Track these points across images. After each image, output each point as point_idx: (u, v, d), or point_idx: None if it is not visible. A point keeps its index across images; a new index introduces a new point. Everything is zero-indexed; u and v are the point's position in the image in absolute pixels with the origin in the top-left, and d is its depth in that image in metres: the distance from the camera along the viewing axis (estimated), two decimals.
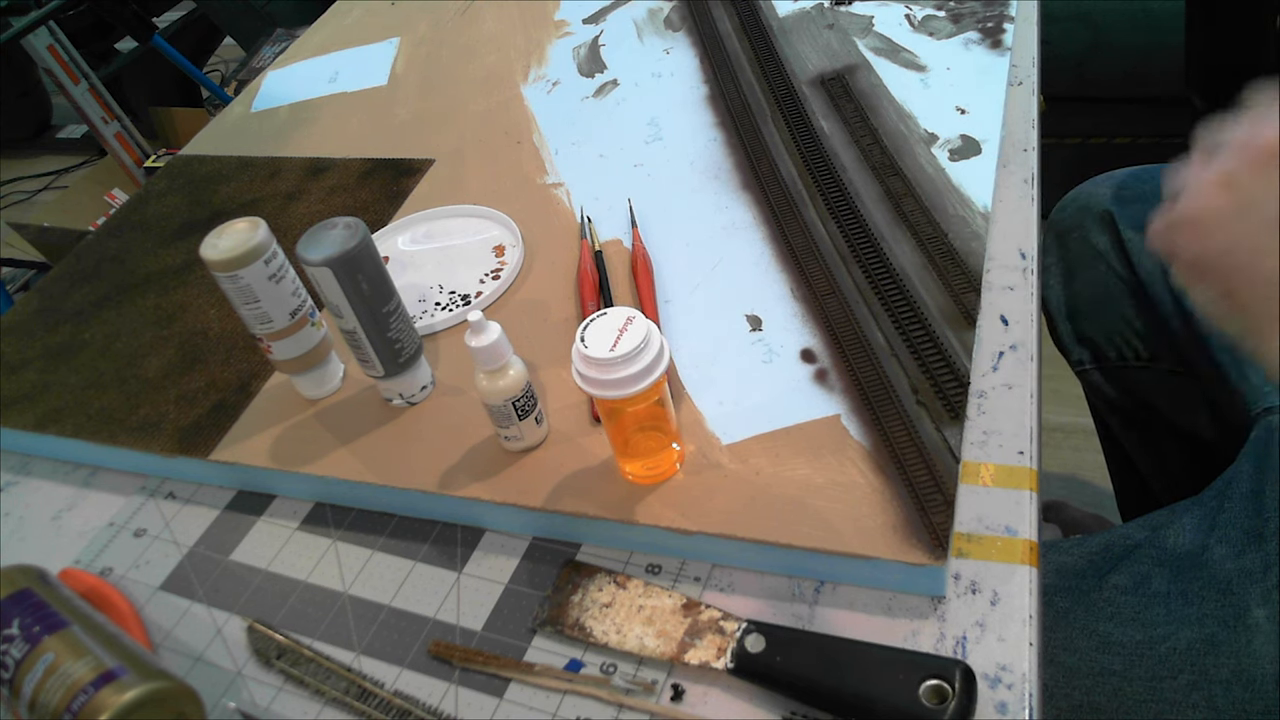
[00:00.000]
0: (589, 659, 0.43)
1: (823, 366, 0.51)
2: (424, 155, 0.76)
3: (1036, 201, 0.59)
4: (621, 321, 0.43)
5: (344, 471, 0.52)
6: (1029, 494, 0.44)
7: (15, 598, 0.44)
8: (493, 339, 0.46)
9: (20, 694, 0.41)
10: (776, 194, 0.63)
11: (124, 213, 0.79)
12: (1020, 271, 0.55)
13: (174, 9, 2.54)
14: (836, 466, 0.46)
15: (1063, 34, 1.30)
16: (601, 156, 0.71)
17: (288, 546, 0.52)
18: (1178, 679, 0.52)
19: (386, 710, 0.43)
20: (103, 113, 1.82)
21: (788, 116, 0.69)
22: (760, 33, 0.79)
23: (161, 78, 2.36)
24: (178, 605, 0.50)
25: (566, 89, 0.80)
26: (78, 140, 2.75)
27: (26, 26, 1.55)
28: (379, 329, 0.51)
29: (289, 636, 0.47)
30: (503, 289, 0.61)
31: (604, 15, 0.89)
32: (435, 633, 0.46)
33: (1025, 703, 0.38)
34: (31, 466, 0.60)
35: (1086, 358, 0.83)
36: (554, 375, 0.54)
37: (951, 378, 0.48)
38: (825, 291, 0.55)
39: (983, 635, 0.40)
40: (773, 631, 0.41)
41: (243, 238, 0.50)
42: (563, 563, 0.47)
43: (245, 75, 1.93)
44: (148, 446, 0.56)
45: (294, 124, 0.86)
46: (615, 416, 0.46)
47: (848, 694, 0.38)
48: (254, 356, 0.61)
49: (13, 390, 0.63)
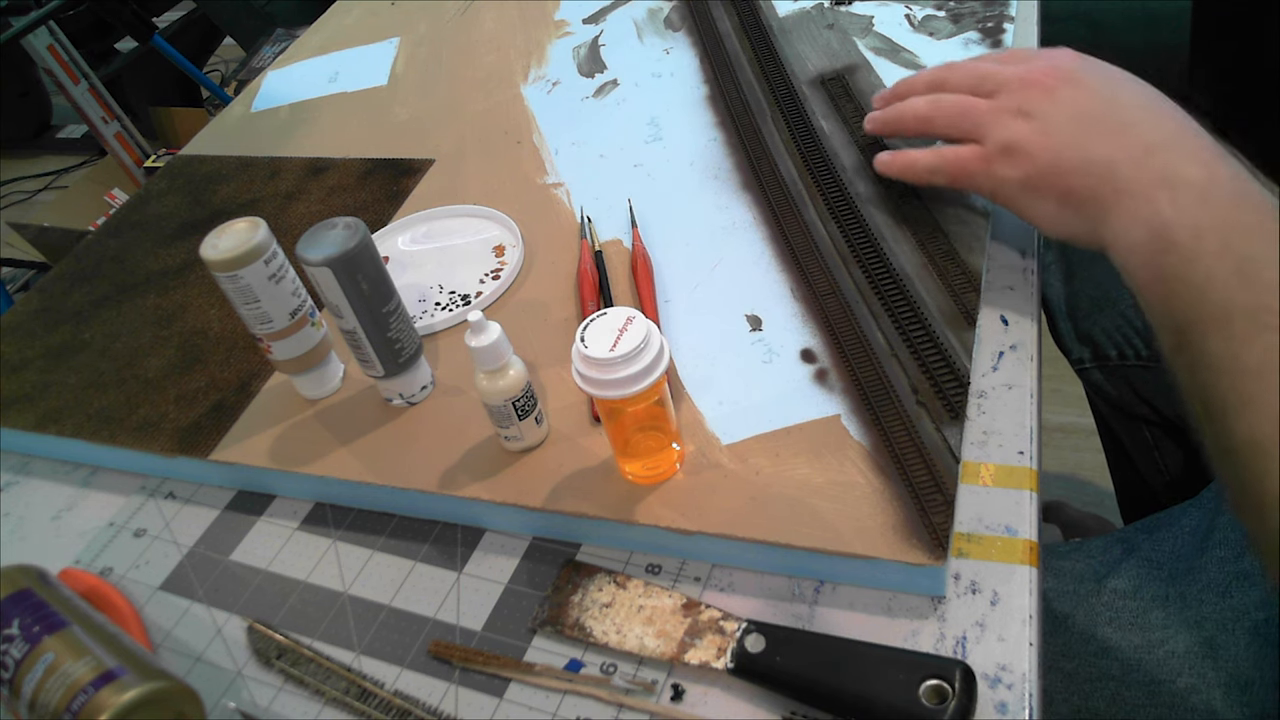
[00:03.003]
0: (589, 659, 0.43)
1: (823, 366, 0.51)
2: (424, 155, 0.76)
3: None
4: (621, 321, 0.43)
5: (344, 471, 0.52)
6: (1029, 494, 0.44)
7: (15, 598, 0.44)
8: (493, 339, 0.46)
9: (20, 694, 0.41)
10: (776, 194, 0.63)
11: (124, 213, 0.79)
12: (1020, 271, 0.55)
13: (174, 9, 2.54)
14: (836, 466, 0.46)
15: (1062, 34, 1.29)
16: (601, 156, 0.71)
17: (288, 546, 0.52)
18: (1176, 683, 0.52)
19: (386, 710, 0.43)
20: (103, 113, 1.82)
21: (788, 116, 0.69)
22: (760, 33, 0.79)
23: (161, 78, 2.36)
24: (178, 605, 0.50)
25: (566, 89, 0.80)
26: (78, 140, 2.75)
27: (26, 26, 1.55)
28: (379, 329, 0.51)
29: (289, 636, 0.47)
30: (503, 289, 0.61)
31: (604, 15, 0.89)
32: (435, 633, 0.46)
33: (1025, 703, 0.38)
34: (31, 466, 0.60)
35: (1087, 356, 0.83)
36: (554, 375, 0.54)
37: (951, 378, 0.48)
38: (825, 291, 0.55)
39: (983, 635, 0.40)
40: (773, 631, 0.41)
41: (243, 238, 0.50)
42: (563, 563, 0.47)
43: (245, 75, 1.93)
44: (147, 446, 0.56)
45: (294, 124, 0.86)
46: (615, 416, 0.46)
47: (848, 694, 0.38)
48: (254, 356, 0.61)
49: (13, 390, 0.63)
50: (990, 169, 0.51)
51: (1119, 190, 0.45)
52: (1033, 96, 0.50)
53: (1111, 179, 0.46)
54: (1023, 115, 0.50)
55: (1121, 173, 0.46)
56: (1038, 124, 0.49)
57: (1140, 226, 0.44)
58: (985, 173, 0.52)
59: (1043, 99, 0.50)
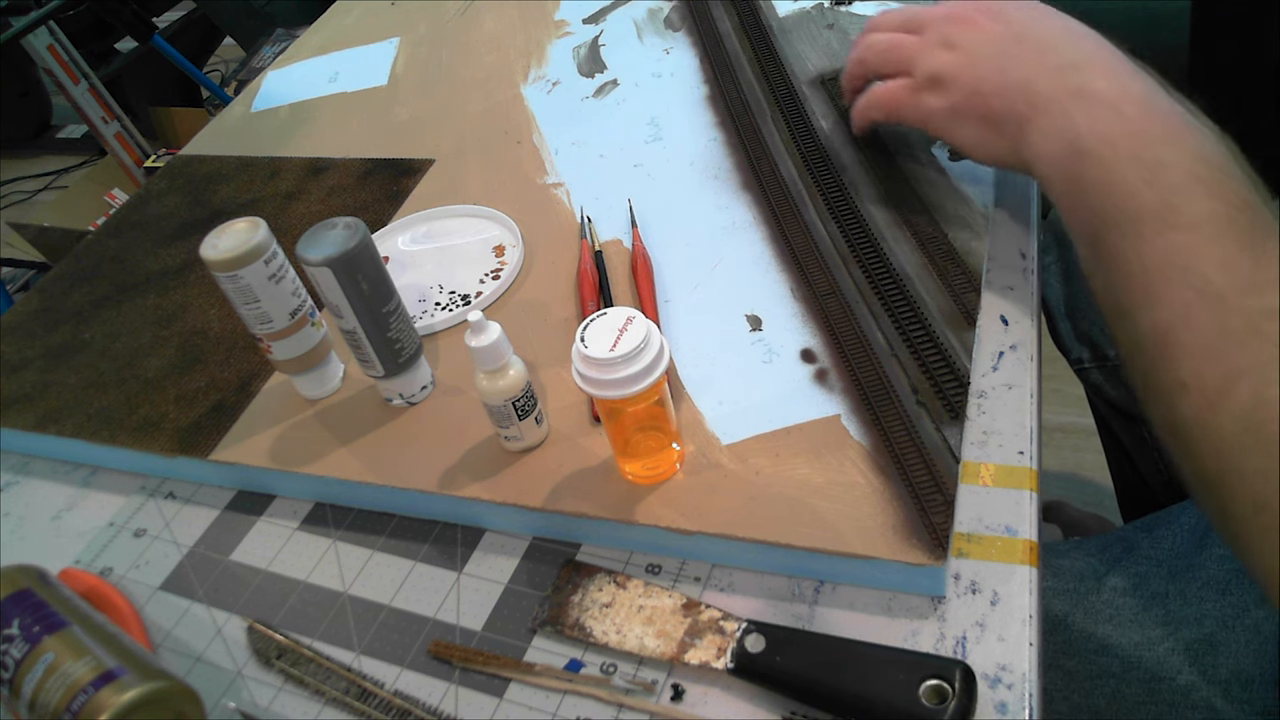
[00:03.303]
0: (589, 659, 0.43)
1: (823, 366, 0.51)
2: (424, 155, 0.76)
3: (1036, 201, 0.59)
4: (621, 321, 0.43)
5: (344, 471, 0.52)
6: (1029, 494, 0.44)
7: (15, 598, 0.44)
8: (493, 339, 0.46)
9: (20, 694, 0.41)
10: (776, 194, 0.63)
11: (124, 213, 0.79)
12: (1020, 271, 0.55)
13: (174, 9, 2.54)
14: (836, 466, 0.46)
15: None
16: (601, 156, 0.71)
17: (288, 546, 0.52)
18: (1176, 680, 0.52)
19: (386, 710, 0.43)
20: (103, 113, 1.82)
21: (788, 116, 0.69)
22: (760, 33, 0.79)
23: (161, 78, 2.36)
24: (178, 605, 0.50)
25: (566, 89, 0.80)
26: (78, 140, 2.75)
27: (26, 26, 1.55)
28: (379, 329, 0.51)
29: (289, 636, 0.47)
30: (503, 289, 0.61)
31: (604, 15, 0.89)
32: (435, 633, 0.46)
33: (1025, 703, 0.38)
34: (31, 466, 0.60)
35: (1087, 356, 0.83)
36: (554, 375, 0.54)
37: (951, 378, 0.48)
38: (825, 291, 0.55)
39: (983, 635, 0.40)
40: (773, 631, 0.41)
41: (243, 238, 0.50)
42: (563, 563, 0.47)
43: (245, 75, 1.93)
44: (148, 446, 0.56)
45: (294, 124, 0.86)
46: (615, 416, 0.46)
47: (847, 694, 0.38)
48: (254, 356, 0.61)
49: (13, 390, 0.63)
50: (918, 99, 0.55)
51: (1036, 107, 0.48)
52: (956, 29, 0.53)
53: (1029, 97, 0.48)
54: (947, 46, 0.53)
55: (1038, 90, 0.48)
56: (961, 53, 0.52)
57: (1056, 138, 0.47)
58: (914, 103, 0.55)
59: (965, 30, 0.53)
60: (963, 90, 0.52)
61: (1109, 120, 0.45)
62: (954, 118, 0.53)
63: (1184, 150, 0.43)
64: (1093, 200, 0.45)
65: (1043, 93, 0.48)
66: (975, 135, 0.52)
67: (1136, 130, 0.44)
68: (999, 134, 0.51)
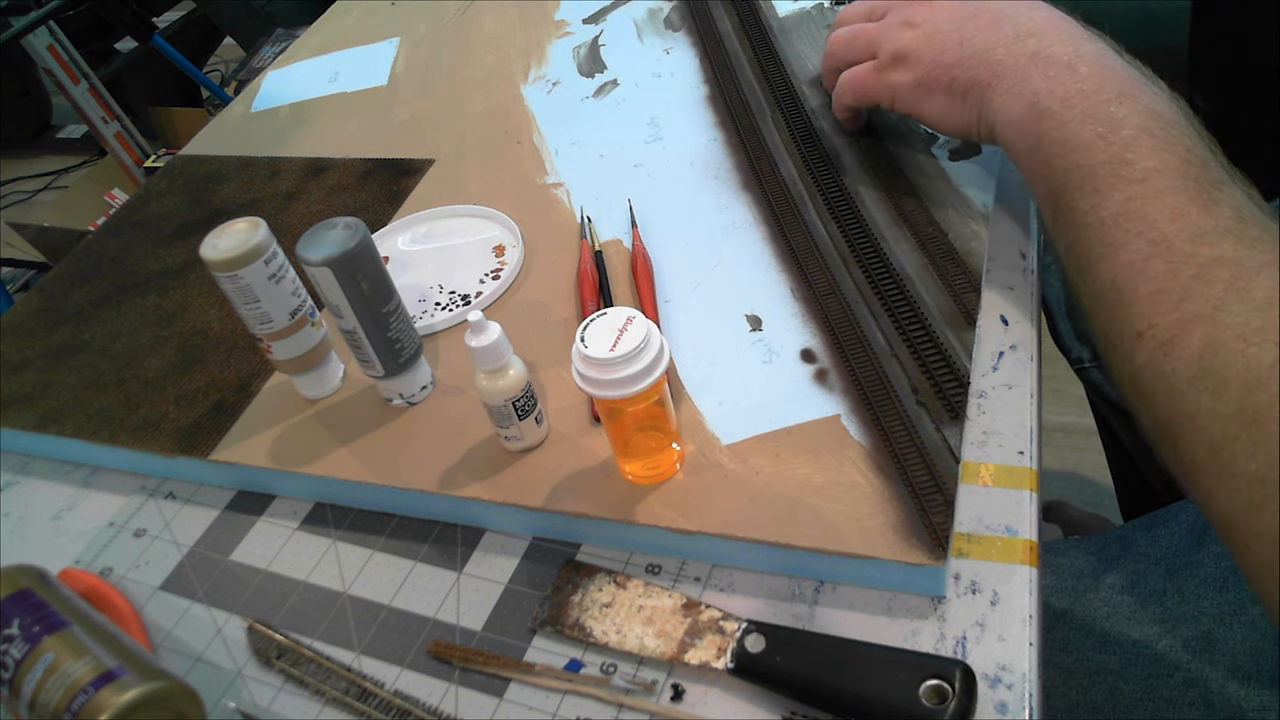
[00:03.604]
0: (589, 659, 0.43)
1: (823, 366, 0.51)
2: (424, 155, 0.76)
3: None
4: (621, 321, 0.43)
5: (344, 471, 0.52)
6: (1029, 494, 0.44)
7: (15, 598, 0.44)
8: (493, 339, 0.46)
9: (20, 694, 0.41)
10: (776, 194, 0.63)
11: (124, 213, 0.79)
12: (1020, 271, 0.55)
13: (174, 9, 2.54)
14: (836, 466, 0.46)
15: None
16: (601, 156, 0.71)
17: (288, 546, 0.52)
18: (1174, 677, 0.52)
19: (386, 710, 0.43)
20: (103, 113, 1.82)
21: (788, 116, 0.69)
22: (760, 33, 0.79)
23: (161, 78, 2.36)
24: (178, 605, 0.50)
25: (566, 89, 0.80)
26: (78, 140, 2.75)
27: (26, 26, 1.55)
28: (379, 329, 0.51)
29: (289, 636, 0.47)
30: (503, 289, 0.61)
31: (604, 15, 0.89)
32: (435, 633, 0.46)
33: (1025, 703, 0.38)
34: (31, 466, 0.60)
35: (1087, 356, 0.83)
36: (554, 375, 0.54)
37: (951, 378, 0.48)
38: (825, 291, 0.55)
39: (983, 635, 0.40)
40: (773, 631, 0.41)
41: (243, 238, 0.50)
42: (563, 563, 0.47)
43: (245, 75, 1.93)
44: (148, 446, 0.56)
45: (294, 124, 0.86)
46: (615, 416, 0.46)
47: (847, 694, 0.38)
48: (254, 356, 0.61)
49: (13, 390, 0.63)
50: (884, 78, 0.57)
51: (996, 74, 0.50)
52: (915, 9, 0.56)
53: (989, 64, 0.51)
54: (908, 26, 0.56)
55: (997, 57, 0.51)
56: (921, 30, 0.55)
57: (1016, 101, 0.49)
58: (881, 82, 0.58)
59: (924, 9, 0.56)
60: (926, 64, 0.54)
61: (1065, 80, 0.47)
62: (919, 91, 0.55)
63: (1136, 106, 0.45)
64: (1053, 159, 0.46)
65: (1002, 60, 0.50)
66: (941, 107, 0.54)
67: (1091, 89, 0.46)
68: (963, 103, 0.53)
